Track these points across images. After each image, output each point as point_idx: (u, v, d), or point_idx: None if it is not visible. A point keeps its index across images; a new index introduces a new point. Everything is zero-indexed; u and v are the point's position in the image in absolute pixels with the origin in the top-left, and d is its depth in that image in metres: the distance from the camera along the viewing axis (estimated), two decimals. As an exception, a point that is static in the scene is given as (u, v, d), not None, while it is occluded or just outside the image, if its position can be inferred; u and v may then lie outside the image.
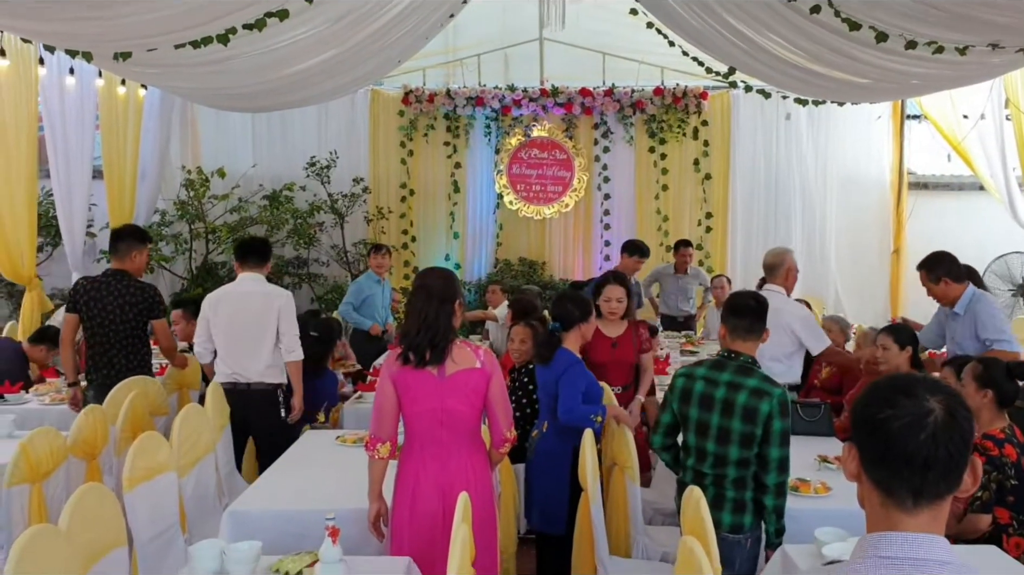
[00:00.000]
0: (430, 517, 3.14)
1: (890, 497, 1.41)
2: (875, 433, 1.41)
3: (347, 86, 8.59)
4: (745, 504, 3.28)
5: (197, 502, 4.03)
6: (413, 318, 3.19)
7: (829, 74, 6.75)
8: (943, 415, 1.37)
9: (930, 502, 1.39)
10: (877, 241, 10.43)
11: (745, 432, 3.22)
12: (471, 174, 10.55)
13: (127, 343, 5.18)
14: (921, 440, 1.36)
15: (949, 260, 4.95)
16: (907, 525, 1.39)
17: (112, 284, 5.15)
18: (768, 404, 3.19)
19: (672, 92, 10.14)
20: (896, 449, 1.38)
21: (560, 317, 4.31)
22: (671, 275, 8.93)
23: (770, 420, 3.19)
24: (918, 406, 1.38)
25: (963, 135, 9.05)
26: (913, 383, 1.42)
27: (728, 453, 3.26)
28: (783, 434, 3.21)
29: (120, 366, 5.17)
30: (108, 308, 5.11)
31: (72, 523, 2.73)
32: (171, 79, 6.74)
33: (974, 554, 3.14)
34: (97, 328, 5.14)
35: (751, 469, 3.27)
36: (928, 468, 1.37)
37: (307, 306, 9.84)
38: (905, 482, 1.39)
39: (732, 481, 3.28)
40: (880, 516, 1.42)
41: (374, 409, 3.25)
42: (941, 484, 1.39)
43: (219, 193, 9.66)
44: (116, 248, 5.24)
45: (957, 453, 1.38)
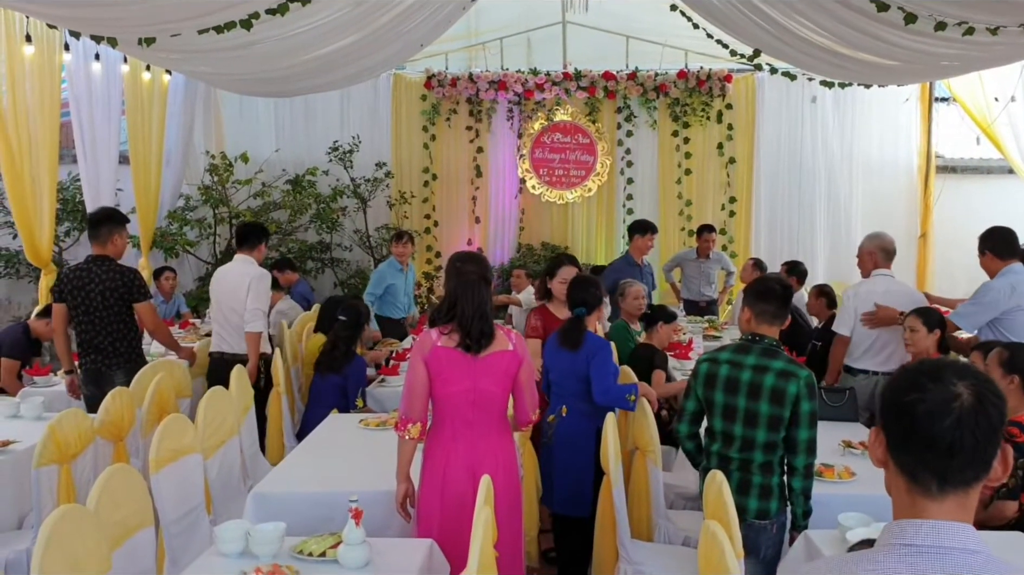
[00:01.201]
0: (460, 498, 3.16)
1: (915, 483, 1.39)
2: (901, 417, 1.39)
3: (369, 70, 8.59)
4: (771, 490, 3.26)
5: (222, 484, 4.07)
6: (468, 306, 3.21)
7: (856, 56, 6.66)
8: (970, 400, 1.35)
9: (956, 488, 1.37)
10: (904, 226, 10.28)
11: (773, 414, 3.20)
12: (493, 159, 10.52)
13: (113, 328, 5.17)
14: (946, 425, 1.34)
15: (998, 235, 5.04)
16: (933, 512, 1.37)
17: (94, 270, 5.14)
18: (796, 385, 3.17)
19: (696, 75, 10.05)
20: (921, 433, 1.36)
21: (585, 302, 4.36)
22: (693, 260, 8.89)
23: (798, 401, 3.17)
24: (945, 390, 1.36)
25: (993, 118, 8.90)
26: (941, 367, 1.40)
27: (756, 436, 3.24)
28: (811, 415, 3.19)
29: (108, 351, 5.17)
30: (92, 295, 5.11)
31: (100, 503, 2.77)
32: (195, 64, 6.77)
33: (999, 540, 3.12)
34: (83, 315, 5.14)
35: (778, 453, 3.25)
36: (953, 454, 1.35)
37: (330, 291, 9.91)
38: (929, 467, 1.37)
39: (759, 466, 3.26)
40: (906, 503, 1.41)
41: (405, 390, 3.27)
42: (968, 471, 1.37)
43: (242, 178, 9.71)
44: (97, 233, 5.21)
45: (984, 439, 1.35)
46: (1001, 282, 4.92)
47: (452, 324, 3.23)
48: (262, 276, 5.66)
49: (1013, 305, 4.86)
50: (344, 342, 5.43)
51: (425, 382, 3.22)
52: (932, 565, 1.32)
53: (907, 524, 1.38)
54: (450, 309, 3.26)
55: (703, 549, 2.40)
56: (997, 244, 5.01)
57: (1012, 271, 4.94)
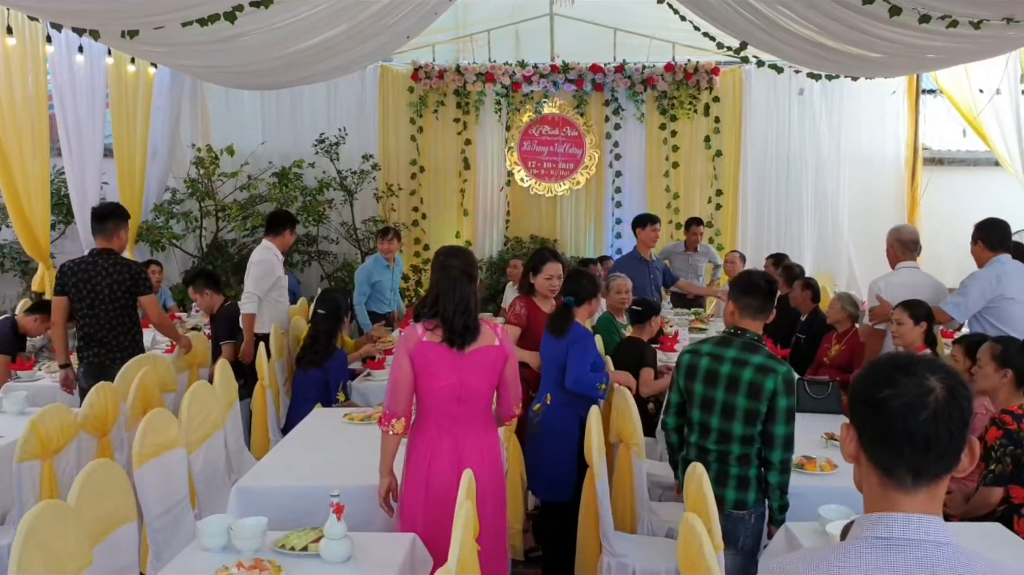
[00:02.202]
0: (445, 493, 3.15)
1: (889, 477, 1.40)
2: (875, 412, 1.41)
3: (356, 62, 8.55)
4: (749, 481, 3.28)
5: (206, 478, 4.06)
6: (448, 300, 3.20)
7: (843, 49, 6.67)
8: (943, 394, 1.37)
9: (929, 481, 1.39)
10: (891, 217, 10.29)
11: (750, 408, 3.21)
12: (481, 151, 10.51)
13: (117, 322, 5.21)
14: (922, 419, 1.36)
15: (989, 227, 5.14)
16: (905, 505, 1.39)
17: (100, 263, 5.17)
18: (773, 381, 3.18)
19: (683, 68, 10.05)
20: (897, 428, 1.38)
21: (575, 292, 4.46)
22: (681, 252, 8.91)
23: (775, 397, 3.18)
24: (918, 385, 1.37)
25: (979, 110, 8.94)
26: (912, 362, 1.42)
27: (732, 429, 3.26)
28: (788, 411, 3.20)
29: (111, 344, 5.20)
30: (98, 288, 5.13)
31: (81, 498, 2.76)
32: (179, 57, 6.73)
33: (978, 532, 3.14)
34: (87, 309, 5.15)
35: (755, 446, 3.27)
36: (929, 447, 1.37)
37: (317, 283, 9.89)
38: (905, 461, 1.39)
39: (736, 458, 3.28)
40: (878, 496, 1.42)
41: (389, 385, 3.26)
42: (941, 463, 1.39)
43: (228, 171, 9.67)
44: (104, 227, 5.26)
45: (958, 432, 1.37)
46: (987, 272, 5.00)
47: (436, 319, 3.23)
48: (260, 261, 5.99)
49: (999, 294, 4.94)
50: (324, 335, 5.41)
51: (410, 377, 3.21)
52: (903, 557, 1.34)
53: (879, 517, 1.39)
54: (433, 304, 3.26)
55: (682, 541, 2.42)
56: (990, 235, 5.11)
57: (999, 262, 5.02)
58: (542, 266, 4.80)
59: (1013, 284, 4.97)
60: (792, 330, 6.68)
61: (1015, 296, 4.96)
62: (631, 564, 3.53)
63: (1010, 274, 5.01)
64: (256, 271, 6.03)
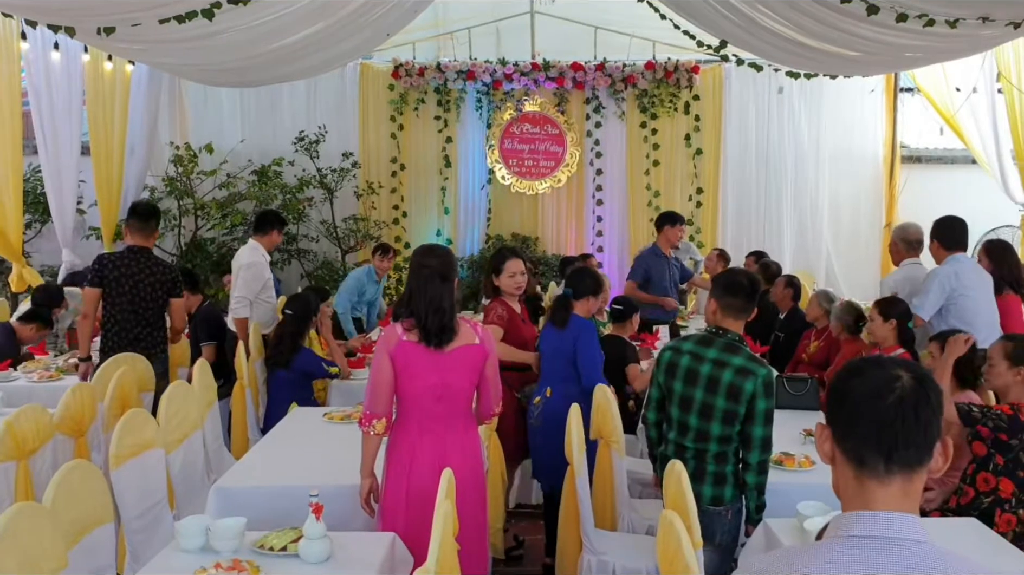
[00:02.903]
0: (426, 492, 3.14)
1: (863, 466, 1.42)
2: (844, 402, 1.44)
3: (336, 60, 8.52)
4: (725, 477, 3.30)
5: (185, 478, 4.04)
6: (422, 301, 3.19)
7: (821, 47, 6.70)
8: (911, 382, 1.40)
9: (902, 469, 1.40)
10: (869, 215, 10.42)
11: (728, 410, 3.22)
12: (462, 149, 10.49)
13: (153, 320, 5.31)
14: (890, 402, 1.39)
15: (947, 226, 5.27)
16: (880, 497, 1.40)
17: (142, 262, 5.26)
18: (753, 383, 3.19)
19: (664, 66, 10.07)
20: (865, 413, 1.41)
21: (574, 285, 4.54)
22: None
23: (754, 399, 3.19)
24: (885, 373, 1.41)
25: (956, 108, 9.01)
26: (883, 358, 1.47)
27: (710, 429, 3.27)
28: (767, 414, 3.21)
29: (146, 342, 5.27)
30: (140, 285, 5.21)
31: (56, 500, 2.74)
32: (157, 55, 6.67)
33: (955, 527, 3.17)
34: (126, 304, 5.21)
35: (732, 445, 3.29)
36: (896, 429, 1.39)
37: (297, 282, 9.84)
38: (874, 446, 1.41)
39: (713, 455, 3.30)
40: (854, 492, 1.43)
41: (369, 385, 3.25)
42: (911, 449, 1.40)
43: (207, 169, 9.60)
44: (146, 226, 5.35)
45: (925, 419, 1.39)
46: (946, 268, 5.13)
47: (412, 319, 3.22)
48: (251, 264, 6.05)
49: (957, 290, 5.05)
50: (290, 337, 5.33)
51: (390, 377, 3.20)
52: (880, 556, 1.35)
53: (857, 516, 1.40)
54: (407, 304, 3.25)
55: (661, 538, 2.42)
56: (946, 234, 5.24)
57: (956, 259, 5.16)
58: (503, 265, 4.61)
59: (970, 279, 5.11)
60: (772, 327, 6.71)
61: (972, 292, 5.08)
62: (611, 562, 3.53)
63: (967, 270, 5.15)
64: (247, 275, 6.05)
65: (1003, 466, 3.52)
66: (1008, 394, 3.71)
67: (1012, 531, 3.47)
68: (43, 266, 9.05)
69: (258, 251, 6.21)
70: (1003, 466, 3.52)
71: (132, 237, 5.32)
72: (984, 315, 5.06)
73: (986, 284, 5.22)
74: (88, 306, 5.27)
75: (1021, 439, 3.50)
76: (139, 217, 5.36)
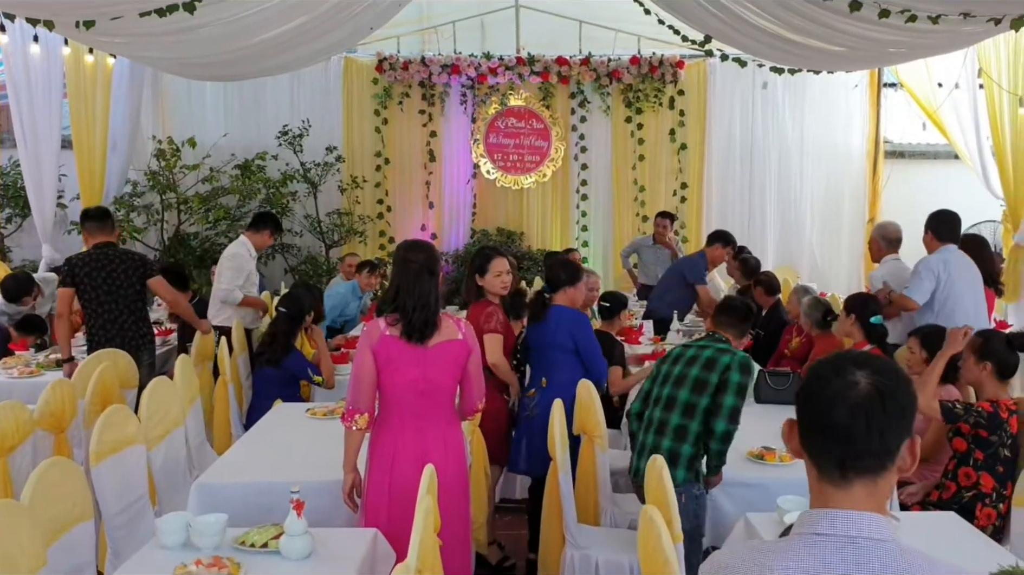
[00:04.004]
0: (409, 487, 3.13)
1: (821, 471, 1.43)
2: (807, 407, 1.46)
3: (319, 54, 8.48)
4: (679, 457, 3.38)
5: (167, 475, 4.01)
6: (409, 296, 3.19)
7: (805, 42, 6.72)
8: (867, 389, 1.39)
9: (860, 476, 1.40)
10: (852, 210, 10.48)
11: (700, 378, 3.40)
12: (447, 143, 10.48)
13: (136, 308, 5.40)
14: (842, 412, 1.39)
15: (942, 219, 5.39)
16: (839, 500, 1.41)
17: (110, 255, 5.35)
18: (729, 358, 3.40)
19: (648, 61, 10.08)
20: (821, 421, 1.42)
21: (548, 279, 4.57)
22: (650, 246, 8.96)
23: (728, 370, 3.38)
24: (842, 380, 1.41)
25: (938, 104, 9.06)
26: (844, 359, 1.45)
27: (678, 395, 3.45)
28: (739, 386, 3.37)
29: (134, 332, 5.37)
30: (114, 276, 5.29)
31: (35, 497, 2.71)
32: (138, 49, 6.62)
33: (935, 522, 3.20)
34: (105, 298, 5.28)
35: (695, 421, 3.40)
36: (849, 440, 1.39)
37: (280, 277, 9.80)
38: (828, 454, 1.42)
39: (673, 428, 3.43)
40: (817, 492, 1.45)
41: (352, 380, 3.24)
42: (866, 458, 1.40)
43: (190, 163, 9.55)
44: (105, 224, 5.51)
45: (878, 428, 1.38)
46: (936, 257, 5.26)
47: (397, 314, 3.22)
48: (233, 255, 6.25)
49: (947, 278, 5.18)
50: (283, 335, 5.27)
51: (373, 372, 3.20)
52: (840, 554, 1.36)
53: (819, 514, 1.41)
54: (393, 299, 3.24)
55: (642, 533, 2.43)
56: (940, 226, 5.36)
57: (947, 250, 5.30)
58: (488, 264, 4.39)
59: (958, 270, 5.22)
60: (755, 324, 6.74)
61: (958, 282, 5.19)
62: (594, 556, 3.54)
63: (956, 261, 5.26)
64: (230, 265, 6.21)
65: (983, 461, 3.55)
66: (982, 389, 3.74)
67: (992, 525, 3.50)
68: (24, 260, 8.99)
69: (245, 246, 6.33)
70: (983, 461, 3.55)
71: (94, 237, 5.44)
72: (965, 307, 5.14)
73: (973, 277, 5.32)
74: (62, 306, 5.32)
75: (1000, 435, 3.53)
76: (94, 219, 5.52)
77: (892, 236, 5.88)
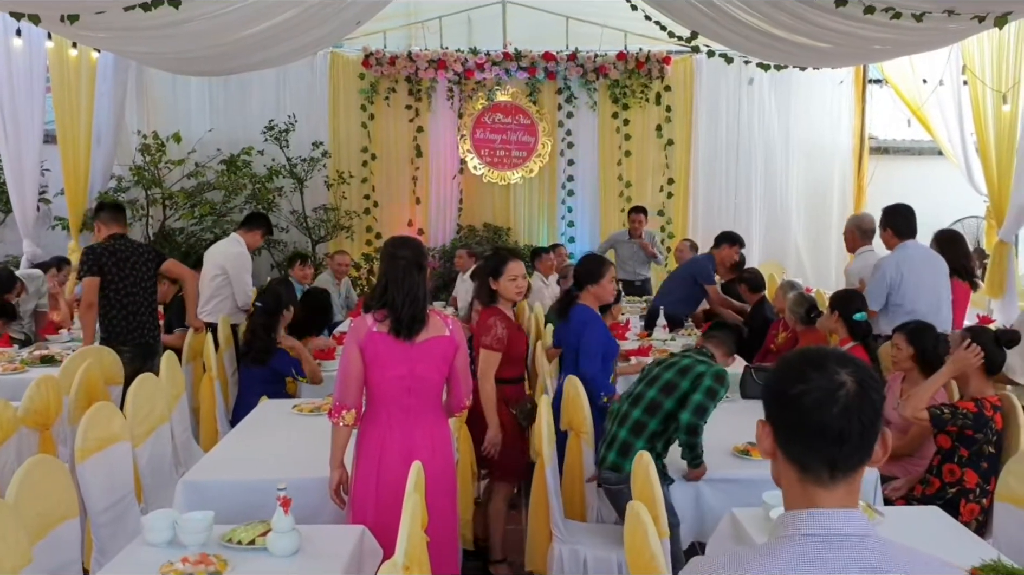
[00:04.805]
0: (396, 484, 3.13)
1: (806, 472, 1.42)
2: (788, 408, 1.42)
3: (305, 49, 8.43)
4: (631, 449, 3.44)
5: (153, 472, 4.00)
6: (399, 291, 3.19)
7: (790, 39, 6.75)
8: (854, 388, 1.38)
9: (846, 475, 1.41)
10: (838, 206, 10.53)
11: (671, 380, 3.49)
12: (434, 138, 10.46)
13: (153, 301, 5.52)
14: (834, 414, 1.38)
15: (898, 214, 5.40)
16: (825, 500, 1.40)
17: (128, 246, 5.44)
18: (705, 367, 3.50)
19: (635, 57, 10.10)
20: (810, 423, 1.39)
21: (574, 278, 4.61)
22: (626, 241, 9.01)
23: (700, 378, 3.46)
24: (829, 379, 1.39)
25: (923, 100, 9.12)
26: (822, 357, 1.43)
27: (646, 393, 3.54)
28: (709, 390, 3.44)
29: (151, 324, 5.50)
30: (136, 268, 5.38)
31: (20, 495, 2.70)
32: (122, 43, 6.57)
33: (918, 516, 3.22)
34: (131, 288, 5.34)
35: (654, 419, 3.49)
36: (842, 441, 1.38)
37: (267, 272, 9.76)
38: (819, 456, 1.40)
39: (633, 421, 3.53)
40: (798, 493, 1.43)
41: (339, 376, 3.25)
42: (855, 456, 1.40)
43: (175, 158, 9.50)
44: (120, 215, 5.63)
45: (869, 424, 1.39)
46: (890, 260, 5.31)
47: (385, 310, 3.22)
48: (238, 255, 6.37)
49: (897, 279, 5.22)
50: (262, 329, 5.23)
51: (360, 368, 3.20)
52: (831, 553, 1.36)
53: (808, 514, 1.40)
54: (382, 295, 3.24)
55: (628, 529, 2.44)
56: (898, 221, 5.39)
57: (904, 247, 5.32)
58: (503, 267, 4.16)
59: (912, 266, 5.24)
60: None
61: (915, 278, 5.23)
62: (582, 551, 3.55)
63: (912, 258, 5.28)
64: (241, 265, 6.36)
65: (968, 458, 3.58)
66: (967, 384, 3.76)
67: (975, 520, 3.54)
68: (7, 256, 8.92)
69: (241, 244, 6.46)
70: (968, 458, 3.58)
71: (109, 228, 5.46)
72: (926, 300, 5.20)
73: (934, 269, 5.35)
74: (91, 295, 5.31)
75: (986, 433, 3.56)
76: (113, 209, 5.64)
77: (867, 227, 5.98)
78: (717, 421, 3.64)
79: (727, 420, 3.93)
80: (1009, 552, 2.87)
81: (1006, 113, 7.88)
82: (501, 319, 4.14)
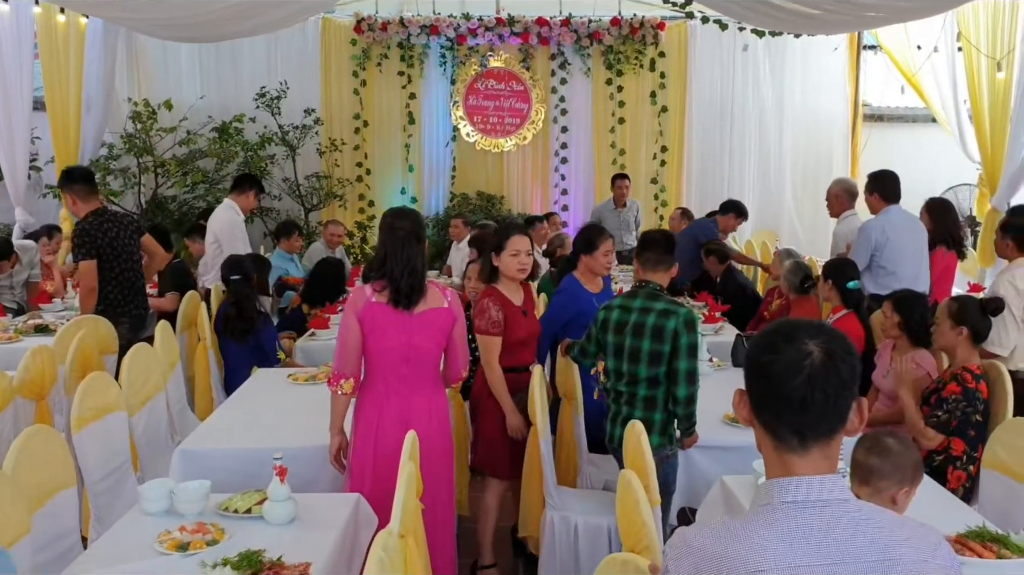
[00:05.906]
0: (393, 452, 3.15)
1: (779, 440, 1.46)
2: (759, 378, 1.47)
3: (296, 15, 8.33)
4: (653, 424, 3.43)
5: (149, 441, 4.03)
6: (397, 262, 3.21)
7: (784, 5, 6.69)
8: (820, 358, 1.42)
9: (817, 441, 1.44)
10: (832, 173, 10.48)
11: (654, 350, 3.42)
12: (426, 105, 10.40)
13: (141, 270, 5.45)
14: (797, 383, 1.41)
15: (883, 179, 5.52)
16: (800, 467, 1.44)
17: (117, 221, 5.33)
18: (674, 321, 3.39)
19: (629, 23, 10.02)
20: (776, 392, 1.44)
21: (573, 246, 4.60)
22: (612, 210, 9.02)
23: (677, 336, 3.38)
24: (796, 350, 1.43)
25: (917, 67, 9.09)
26: (796, 328, 1.47)
27: (639, 371, 3.46)
28: (690, 347, 3.40)
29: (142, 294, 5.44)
30: (125, 242, 5.27)
31: (17, 466, 2.72)
32: (111, 10, 6.50)
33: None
34: (125, 262, 5.27)
35: (660, 389, 3.45)
36: (805, 409, 1.42)
37: (259, 240, 9.74)
38: (786, 423, 1.45)
39: (642, 399, 3.48)
40: (775, 460, 1.48)
41: (338, 345, 3.28)
42: (822, 424, 1.44)
43: (167, 126, 9.43)
44: (94, 186, 5.37)
45: (834, 394, 1.42)
46: (874, 223, 5.41)
47: (384, 280, 3.24)
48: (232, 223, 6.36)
49: (881, 242, 5.32)
50: (247, 300, 5.16)
51: (358, 338, 3.23)
52: (818, 519, 1.39)
53: (787, 482, 1.44)
54: (381, 265, 3.26)
55: (620, 497, 2.48)
56: (883, 186, 5.50)
57: (888, 212, 5.43)
58: (505, 242, 3.85)
59: (896, 231, 5.34)
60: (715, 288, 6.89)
61: (898, 243, 5.33)
62: (573, 518, 3.60)
63: (895, 223, 5.37)
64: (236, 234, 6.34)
65: (956, 427, 3.62)
66: (954, 354, 3.80)
67: (962, 487, 3.59)
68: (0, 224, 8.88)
69: (233, 209, 6.43)
70: (956, 427, 3.62)
71: (88, 203, 5.22)
72: (908, 266, 5.31)
73: (916, 236, 5.44)
74: (91, 279, 5.12)
75: (975, 404, 3.60)
76: (84, 181, 5.31)
77: (854, 190, 6.15)
78: (708, 389, 3.68)
79: (718, 388, 3.96)
80: (994, 518, 2.92)
81: (1000, 80, 7.87)
82: (495, 300, 3.82)
